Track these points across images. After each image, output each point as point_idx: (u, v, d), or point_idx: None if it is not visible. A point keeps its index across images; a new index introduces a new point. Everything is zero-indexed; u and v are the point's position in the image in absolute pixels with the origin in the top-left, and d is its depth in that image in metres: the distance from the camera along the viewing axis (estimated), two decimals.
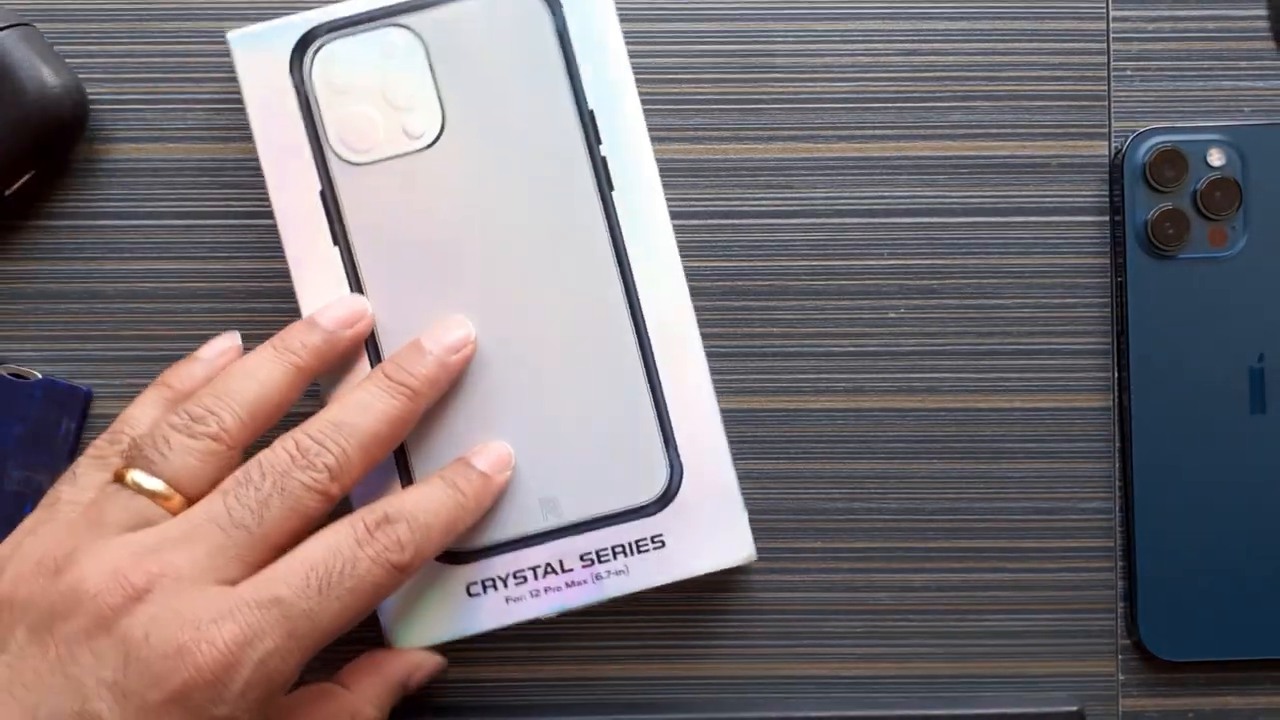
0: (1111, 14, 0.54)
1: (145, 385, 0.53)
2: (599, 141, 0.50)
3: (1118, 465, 0.54)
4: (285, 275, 0.50)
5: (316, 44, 0.49)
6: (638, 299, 0.50)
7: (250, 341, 0.53)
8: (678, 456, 0.50)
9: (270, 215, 0.53)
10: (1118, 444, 0.54)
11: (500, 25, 0.50)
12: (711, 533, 0.50)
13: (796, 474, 0.54)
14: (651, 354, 0.50)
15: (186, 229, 0.54)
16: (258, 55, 0.49)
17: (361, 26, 0.50)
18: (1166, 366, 0.53)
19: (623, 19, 0.54)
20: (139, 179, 0.54)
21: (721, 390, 0.54)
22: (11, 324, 0.53)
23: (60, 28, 0.54)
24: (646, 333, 0.50)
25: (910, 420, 0.54)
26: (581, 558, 0.50)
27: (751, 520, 0.54)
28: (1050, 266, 0.54)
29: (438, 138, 0.50)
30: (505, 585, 0.50)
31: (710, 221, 0.54)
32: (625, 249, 0.50)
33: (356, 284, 0.50)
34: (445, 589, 0.50)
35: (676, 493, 0.50)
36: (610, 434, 0.50)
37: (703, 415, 0.50)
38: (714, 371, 0.54)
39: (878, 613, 0.54)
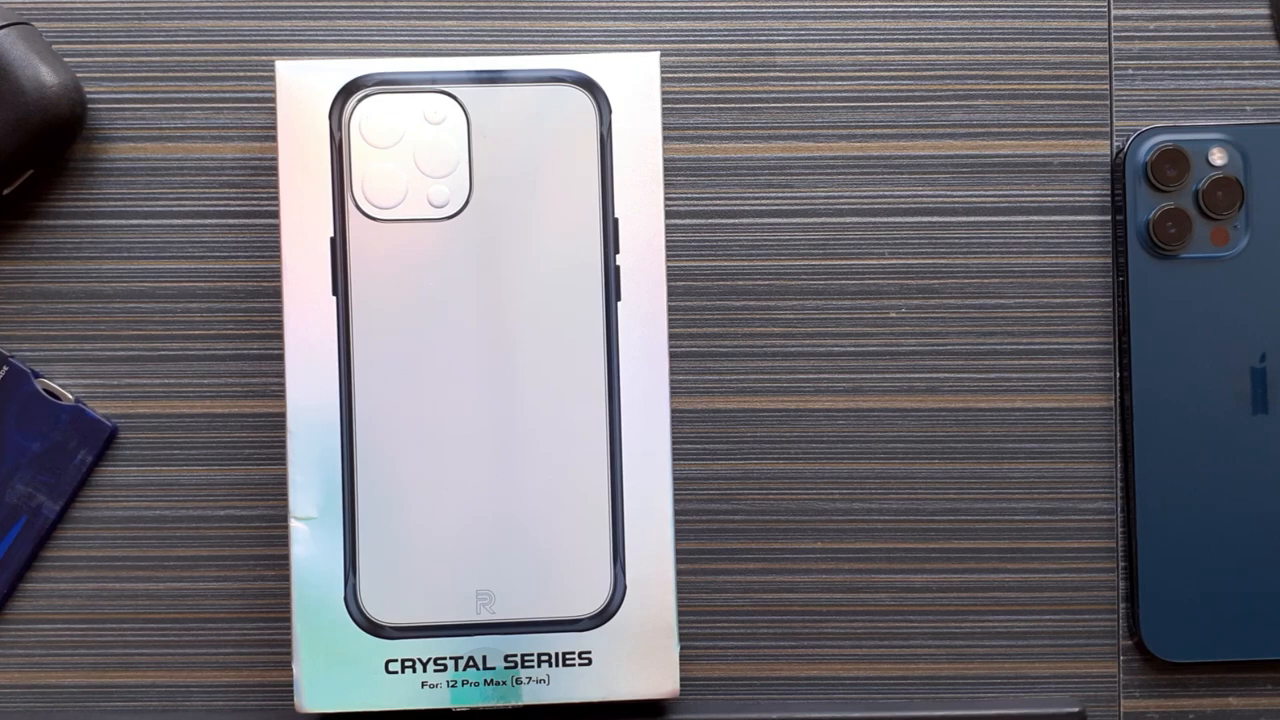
0: (1113, 13, 0.54)
1: (142, 385, 0.53)
2: (616, 251, 0.50)
3: (1119, 466, 0.54)
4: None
5: (361, 93, 0.49)
6: (619, 415, 0.50)
7: (247, 342, 0.53)
8: (624, 575, 0.50)
9: (268, 215, 0.53)
10: (1119, 444, 0.54)
11: (546, 115, 0.49)
12: (641, 660, 0.50)
13: (796, 474, 0.54)
14: (621, 471, 0.50)
15: (185, 229, 0.53)
16: (301, 90, 0.49)
17: (410, 86, 0.49)
18: (1168, 367, 0.52)
19: (622, 17, 0.54)
20: (137, 178, 0.54)
21: (721, 390, 0.54)
22: (10, 324, 0.53)
23: (59, 27, 0.53)
24: (621, 450, 0.50)
25: (911, 420, 0.54)
26: (506, 658, 0.50)
27: (752, 520, 0.54)
28: (1051, 266, 0.54)
29: (459, 211, 0.49)
30: (425, 670, 0.50)
31: (710, 221, 0.54)
32: (619, 362, 0.50)
33: (346, 337, 0.49)
34: (365, 661, 0.50)
35: (615, 612, 0.50)
36: (563, 540, 0.50)
37: (659, 542, 0.50)
38: (714, 371, 0.54)
39: (878, 613, 0.54)
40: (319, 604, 0.50)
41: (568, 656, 0.50)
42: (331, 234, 0.50)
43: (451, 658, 0.50)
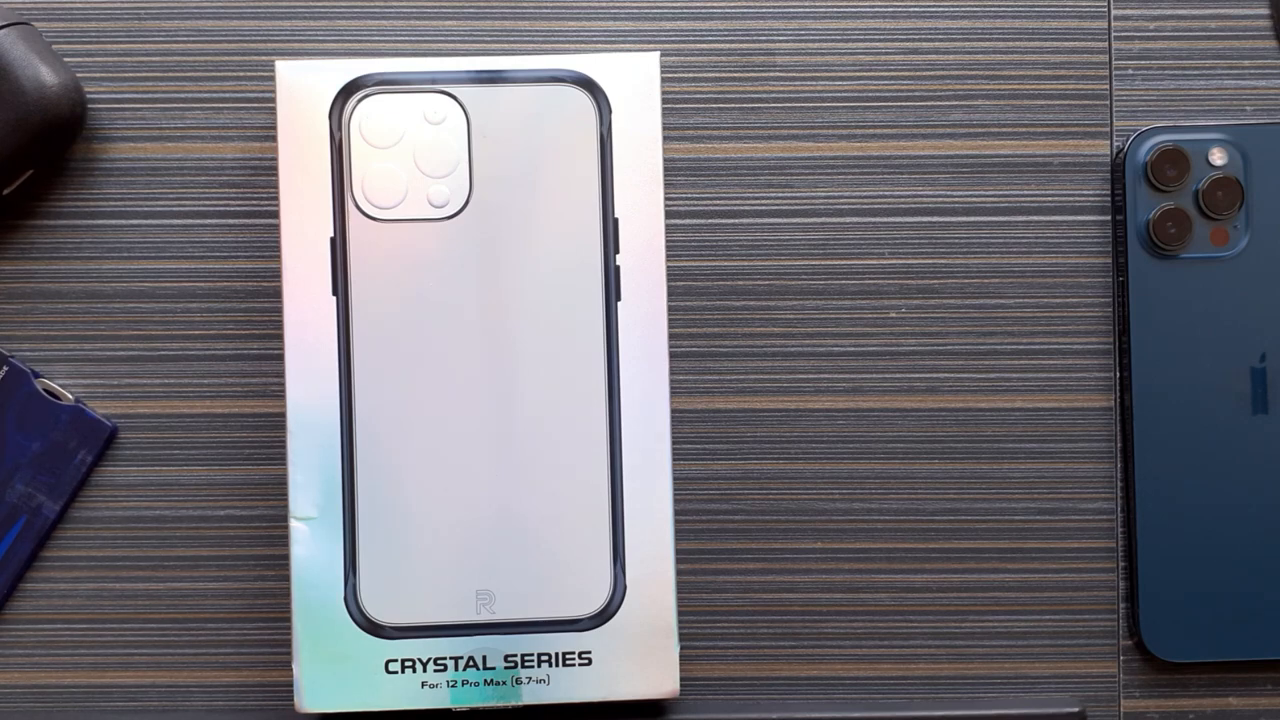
0: (1113, 13, 0.54)
1: (142, 385, 0.53)
2: (616, 251, 0.50)
3: (1119, 466, 0.54)
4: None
5: (361, 93, 0.49)
6: (619, 415, 0.50)
7: (247, 342, 0.53)
8: (624, 575, 0.50)
9: (268, 215, 0.53)
10: (1119, 444, 0.54)
11: (546, 116, 0.49)
12: (640, 661, 0.50)
13: (796, 474, 0.54)
14: (621, 471, 0.50)
15: (185, 229, 0.53)
16: (301, 90, 0.49)
17: (410, 86, 0.49)
18: (1168, 367, 0.52)
19: (622, 17, 0.54)
20: (137, 178, 0.54)
21: (721, 390, 0.54)
22: (10, 324, 0.53)
23: (59, 26, 0.53)
24: (621, 450, 0.50)
25: (911, 420, 0.54)
26: (506, 658, 0.50)
27: (752, 520, 0.54)
28: (1052, 266, 0.54)
29: (459, 211, 0.49)
30: (425, 670, 0.50)
31: (710, 221, 0.54)
32: (619, 362, 0.50)
33: (346, 337, 0.49)
34: (365, 661, 0.50)
35: (615, 612, 0.50)
36: (563, 540, 0.50)
37: (659, 542, 0.50)
38: (714, 371, 0.54)
39: (878, 613, 0.54)
40: (319, 604, 0.50)
41: (568, 656, 0.50)
42: (331, 234, 0.50)
43: (451, 658, 0.50)
